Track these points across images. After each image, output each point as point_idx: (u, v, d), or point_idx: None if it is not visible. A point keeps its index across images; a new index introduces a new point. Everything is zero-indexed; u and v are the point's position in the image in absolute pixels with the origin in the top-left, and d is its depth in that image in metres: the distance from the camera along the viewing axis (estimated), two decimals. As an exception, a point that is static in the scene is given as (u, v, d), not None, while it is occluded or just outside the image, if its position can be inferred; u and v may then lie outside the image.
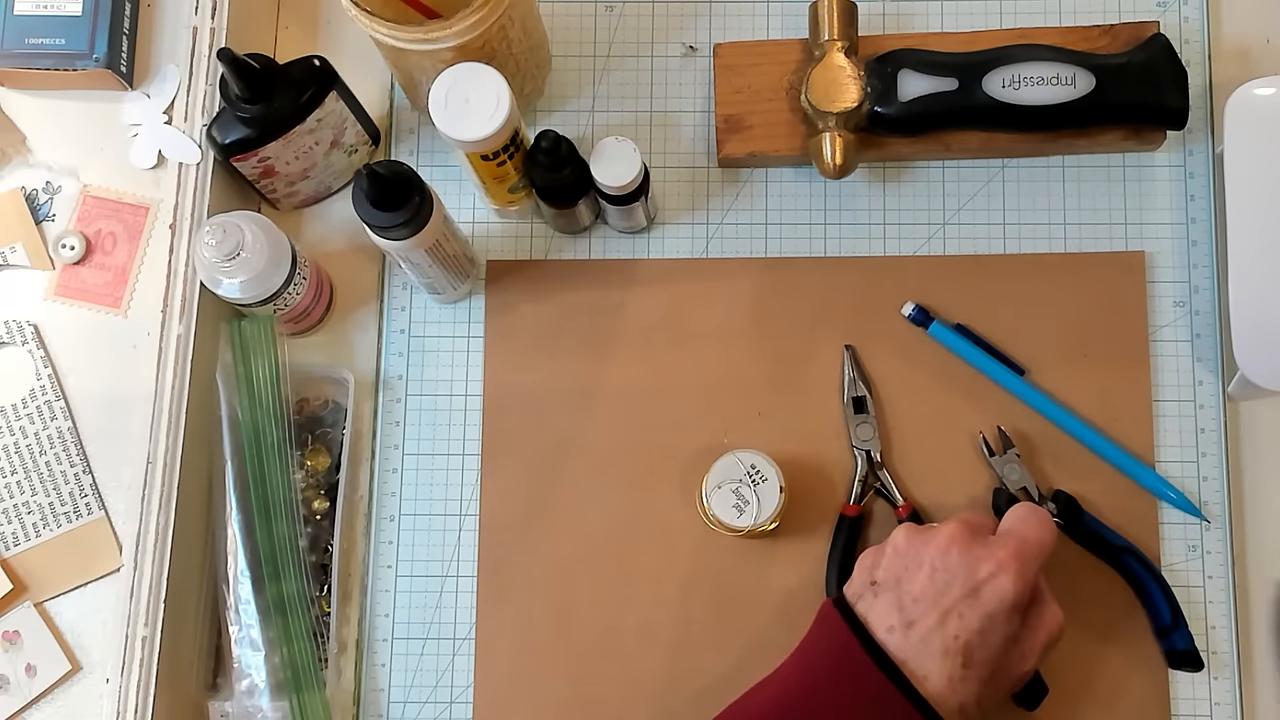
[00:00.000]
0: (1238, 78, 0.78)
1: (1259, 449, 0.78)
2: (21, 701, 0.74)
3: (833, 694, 0.61)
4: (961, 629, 0.60)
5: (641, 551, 0.77)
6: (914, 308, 0.79)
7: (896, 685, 0.59)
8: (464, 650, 0.77)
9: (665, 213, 0.82)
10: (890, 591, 0.63)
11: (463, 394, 0.80)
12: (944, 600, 0.61)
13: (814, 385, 0.79)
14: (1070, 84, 0.75)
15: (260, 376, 0.76)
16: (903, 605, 0.62)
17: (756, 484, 0.72)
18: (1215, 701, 0.74)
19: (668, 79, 0.84)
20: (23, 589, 0.75)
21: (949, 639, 0.60)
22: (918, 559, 0.63)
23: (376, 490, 0.79)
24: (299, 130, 0.75)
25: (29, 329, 0.78)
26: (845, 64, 0.77)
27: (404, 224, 0.69)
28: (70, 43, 0.78)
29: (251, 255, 0.71)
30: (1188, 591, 0.76)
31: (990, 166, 0.82)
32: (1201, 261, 0.80)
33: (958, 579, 0.61)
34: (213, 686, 0.76)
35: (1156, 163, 0.81)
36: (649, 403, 0.79)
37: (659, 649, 0.76)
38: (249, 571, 0.75)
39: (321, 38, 0.86)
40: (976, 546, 0.63)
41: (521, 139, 0.74)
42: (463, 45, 0.70)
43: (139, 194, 0.79)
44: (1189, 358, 0.79)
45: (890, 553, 0.64)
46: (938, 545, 0.63)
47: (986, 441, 0.77)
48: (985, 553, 0.62)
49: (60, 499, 0.76)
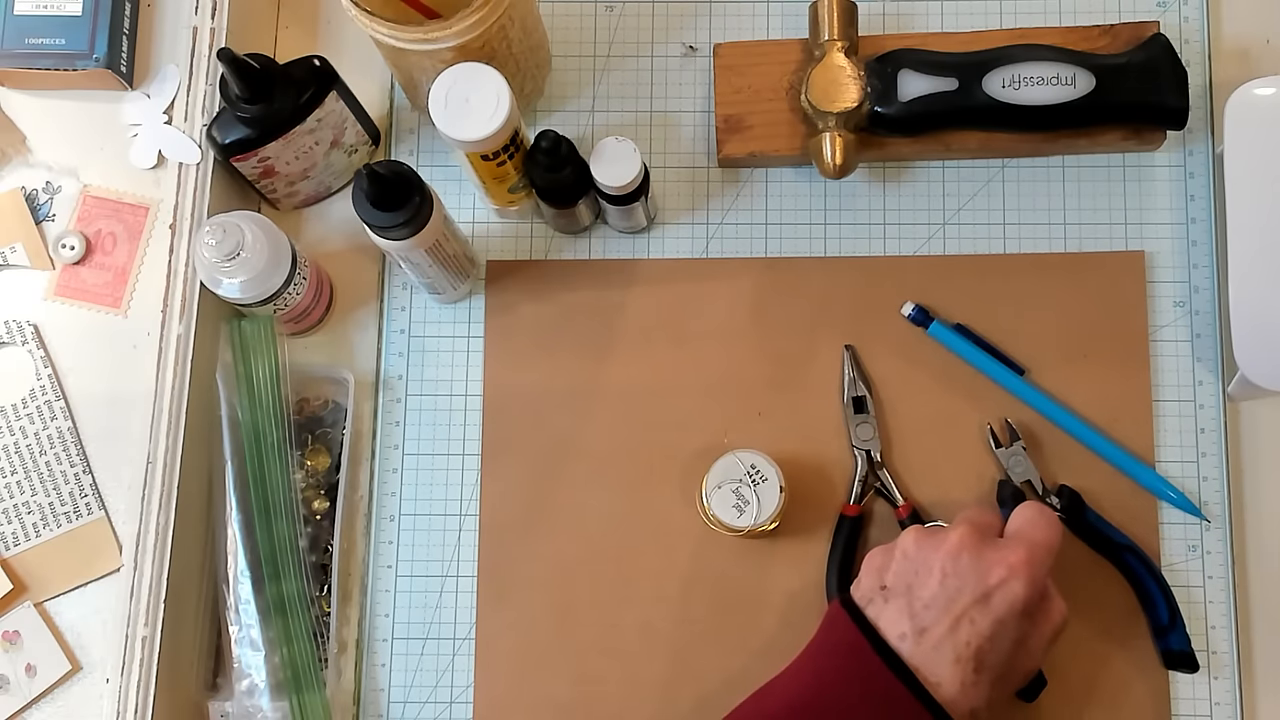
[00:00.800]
0: (1238, 78, 0.78)
1: (1259, 449, 0.78)
2: (21, 701, 0.74)
3: (846, 698, 0.61)
4: (973, 635, 0.60)
5: (641, 551, 0.77)
6: (914, 308, 0.79)
7: (911, 691, 0.59)
8: (464, 650, 0.77)
9: (665, 213, 0.82)
10: (901, 597, 0.62)
11: (463, 394, 0.80)
12: (955, 607, 0.61)
13: (814, 385, 0.79)
14: (1070, 84, 0.75)
15: (260, 376, 0.76)
16: (914, 612, 0.61)
17: (756, 484, 0.72)
18: (1215, 701, 0.74)
19: (668, 79, 0.84)
20: (23, 589, 0.75)
21: (961, 645, 0.60)
22: (928, 564, 0.63)
23: (376, 490, 0.79)
24: (299, 130, 0.75)
25: (29, 329, 0.78)
26: (845, 64, 0.77)
27: (404, 224, 0.69)
28: (70, 43, 0.78)
29: (251, 255, 0.71)
30: (1188, 591, 0.76)
31: (990, 166, 0.82)
32: (1201, 261, 0.80)
33: (969, 585, 0.61)
34: (213, 686, 0.76)
35: (1156, 163, 0.81)
36: (649, 403, 0.79)
37: (659, 649, 0.76)
38: (249, 571, 0.75)
39: (321, 38, 0.86)
40: (987, 550, 0.62)
41: (521, 139, 0.74)
42: (463, 45, 0.70)
43: (139, 194, 0.79)
44: (1189, 358, 0.79)
45: (900, 556, 0.64)
46: (948, 550, 0.62)
47: (994, 433, 0.77)
48: (996, 557, 0.62)
49: (60, 499, 0.76)
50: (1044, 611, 0.63)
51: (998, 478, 0.77)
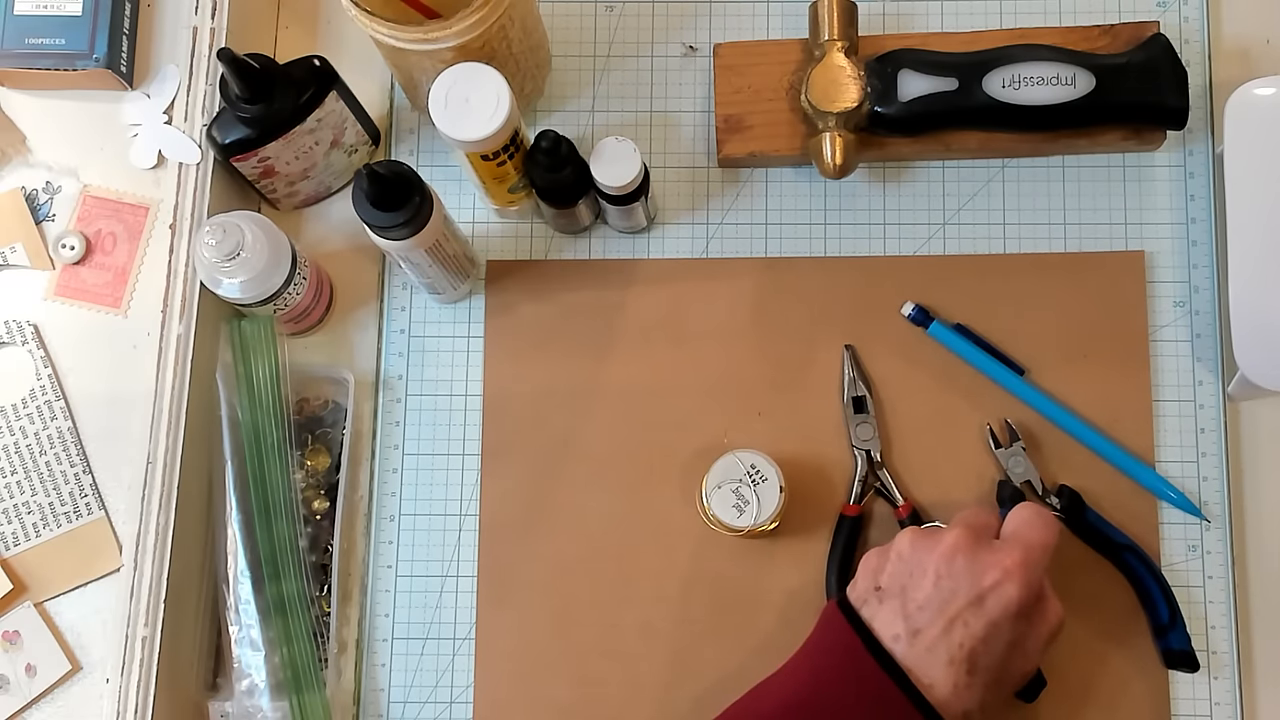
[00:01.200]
0: (1238, 78, 0.78)
1: (1259, 449, 0.78)
2: (21, 701, 0.74)
3: (840, 698, 0.61)
4: (966, 637, 0.60)
5: (641, 551, 0.77)
6: (914, 308, 0.79)
7: (904, 692, 0.59)
8: (464, 650, 0.77)
9: (665, 213, 0.82)
10: (895, 599, 0.62)
11: (463, 394, 0.80)
12: (949, 609, 0.61)
13: (814, 385, 0.79)
14: (1070, 84, 0.75)
15: (260, 376, 0.76)
16: (908, 613, 0.61)
17: (756, 484, 0.72)
18: (1215, 701, 0.74)
19: (668, 79, 0.84)
20: (23, 589, 0.75)
21: (954, 647, 0.60)
22: (922, 566, 0.63)
23: (376, 490, 0.79)
24: (299, 130, 0.75)
25: (29, 329, 0.78)
26: (845, 64, 0.77)
27: (404, 224, 0.69)
28: (70, 43, 0.78)
29: (251, 255, 0.71)
30: (1188, 591, 0.76)
31: (990, 166, 0.82)
32: (1201, 261, 0.80)
33: (963, 587, 0.61)
34: (213, 686, 0.76)
35: (1156, 163, 0.81)
36: (649, 403, 0.79)
37: (659, 649, 0.76)
38: (249, 571, 0.75)
39: (321, 38, 0.86)
40: (982, 552, 0.62)
41: (521, 139, 0.74)
42: (463, 45, 0.70)
43: (139, 194, 0.79)
44: (1189, 358, 0.79)
45: (895, 558, 0.64)
46: (942, 552, 0.62)
47: (993, 433, 0.77)
48: (991, 559, 0.62)
49: (60, 499, 0.76)
50: (1040, 613, 0.63)
51: (997, 478, 0.77)
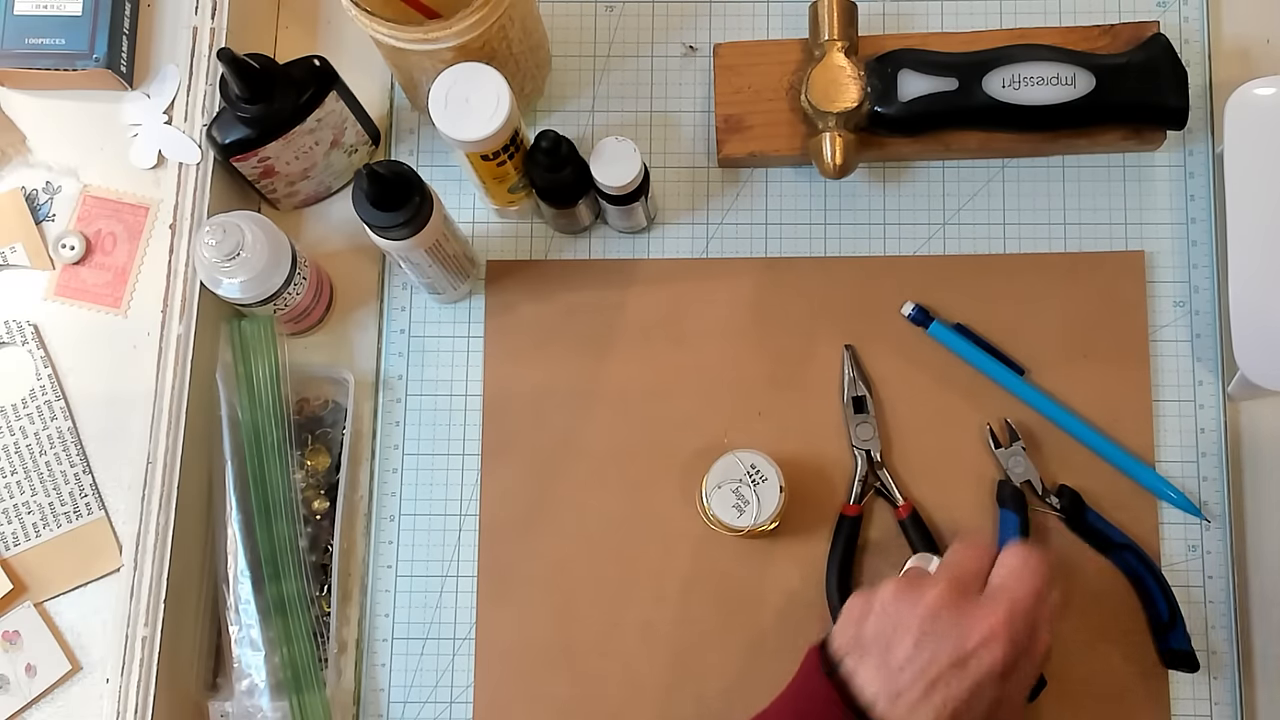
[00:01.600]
0: (1238, 78, 0.78)
1: (1259, 449, 0.78)
2: (21, 701, 0.74)
3: None
4: (949, 698, 0.59)
5: (641, 551, 0.77)
6: (914, 307, 0.79)
7: None
8: (464, 650, 0.77)
9: (665, 213, 0.82)
10: (876, 655, 0.60)
11: (463, 394, 0.80)
12: (931, 671, 0.59)
13: (814, 385, 0.79)
14: (1070, 84, 0.75)
15: (260, 376, 0.76)
16: (889, 673, 0.59)
17: (756, 484, 0.72)
18: (1215, 701, 0.74)
19: (668, 79, 0.84)
20: (23, 589, 0.75)
21: (937, 706, 0.59)
22: (905, 623, 0.60)
23: (376, 490, 0.79)
24: (299, 130, 0.75)
25: (29, 329, 0.78)
26: (845, 64, 0.77)
27: (404, 224, 0.69)
28: (70, 43, 0.78)
29: (251, 255, 0.71)
30: (1187, 591, 0.76)
31: (990, 166, 0.82)
32: (1201, 261, 0.80)
33: (945, 648, 0.59)
34: (213, 686, 0.76)
35: (1156, 163, 0.81)
36: (649, 403, 0.79)
37: (659, 649, 0.76)
38: (249, 571, 0.75)
39: (321, 38, 0.86)
40: (966, 608, 0.60)
41: (521, 139, 0.74)
42: (463, 45, 0.70)
43: (139, 194, 0.79)
44: (1189, 358, 0.79)
45: (878, 609, 0.62)
46: (926, 609, 0.60)
47: (993, 433, 0.77)
48: (975, 617, 0.60)
49: (60, 499, 0.76)
50: (1028, 658, 0.61)
51: (997, 478, 0.77)
